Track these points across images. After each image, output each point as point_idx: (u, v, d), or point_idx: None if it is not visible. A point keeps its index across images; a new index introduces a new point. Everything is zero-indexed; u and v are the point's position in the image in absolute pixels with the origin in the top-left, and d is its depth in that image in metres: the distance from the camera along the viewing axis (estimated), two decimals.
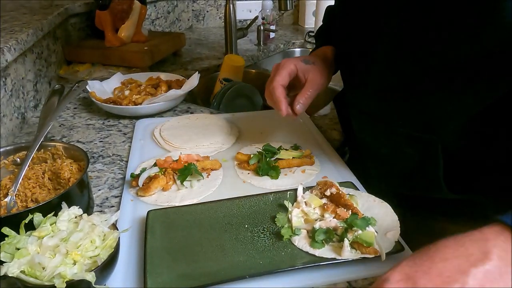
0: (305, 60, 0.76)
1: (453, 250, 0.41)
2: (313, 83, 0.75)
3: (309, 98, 0.75)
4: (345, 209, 0.61)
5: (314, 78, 0.76)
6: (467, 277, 0.38)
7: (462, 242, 0.41)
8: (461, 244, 0.41)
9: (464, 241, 0.42)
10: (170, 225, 0.62)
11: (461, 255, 0.40)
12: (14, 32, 1.02)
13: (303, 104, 0.75)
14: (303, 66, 0.76)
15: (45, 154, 0.73)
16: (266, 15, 1.77)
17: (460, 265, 0.39)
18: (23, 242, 0.51)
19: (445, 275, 0.39)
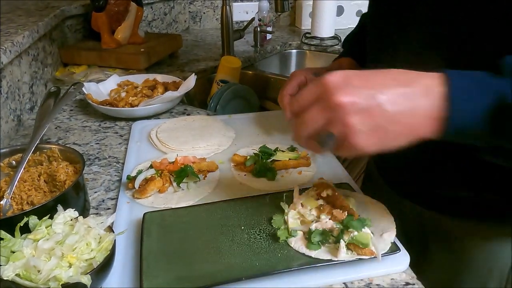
0: (315, 73, 0.79)
1: (386, 73, 0.47)
2: None
3: None
4: (341, 210, 0.61)
5: None
6: (385, 90, 0.45)
7: (405, 72, 0.47)
8: (402, 73, 0.47)
9: (407, 72, 0.47)
10: (166, 227, 0.62)
11: (391, 78, 0.46)
12: (10, 34, 1.02)
13: None
14: (313, 78, 0.79)
15: (41, 156, 0.72)
16: (263, 17, 1.77)
17: (386, 81, 0.46)
18: (18, 245, 0.51)
19: (370, 82, 0.45)
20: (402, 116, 0.45)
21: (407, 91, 0.45)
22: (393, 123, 0.45)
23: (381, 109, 0.44)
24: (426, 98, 0.45)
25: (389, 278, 0.56)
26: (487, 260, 0.71)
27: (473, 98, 0.44)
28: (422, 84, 0.45)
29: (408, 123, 0.45)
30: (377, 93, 0.44)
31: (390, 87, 0.45)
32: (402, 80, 0.46)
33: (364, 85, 0.45)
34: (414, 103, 0.45)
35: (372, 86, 0.45)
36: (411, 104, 0.45)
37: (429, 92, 0.45)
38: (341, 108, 0.44)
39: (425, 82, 0.45)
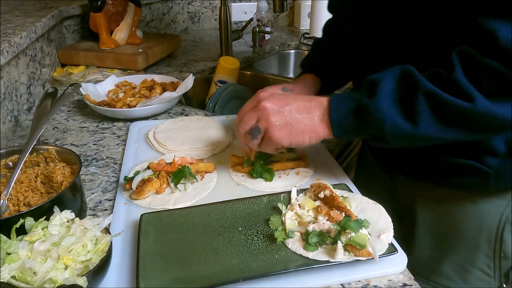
0: (284, 88, 0.84)
1: (301, 96, 0.70)
2: None
3: None
4: (339, 211, 0.61)
5: None
6: (295, 102, 0.67)
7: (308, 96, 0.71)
8: (306, 96, 0.70)
9: (310, 96, 0.71)
10: (163, 228, 0.62)
11: (302, 98, 0.69)
12: (7, 34, 1.01)
13: None
14: (281, 93, 0.83)
15: (37, 157, 0.72)
16: (261, 17, 1.77)
17: (297, 99, 0.68)
18: (14, 247, 0.50)
19: (288, 98, 0.68)
20: (304, 119, 0.66)
21: (307, 104, 0.67)
22: (298, 123, 0.66)
23: (290, 112, 0.66)
24: (318, 110, 0.66)
25: (387, 279, 0.56)
26: (476, 221, 0.77)
27: (342, 106, 0.65)
28: (316, 101, 0.67)
29: (308, 124, 0.66)
30: (288, 103, 0.67)
31: (298, 101, 0.68)
32: (305, 98, 0.69)
33: (282, 99, 0.68)
34: (311, 111, 0.66)
35: (286, 100, 0.68)
36: (309, 112, 0.66)
37: (319, 106, 0.66)
38: (265, 109, 0.67)
39: (318, 100, 0.67)
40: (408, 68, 0.61)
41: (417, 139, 0.62)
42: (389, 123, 0.60)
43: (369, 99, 0.61)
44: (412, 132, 0.60)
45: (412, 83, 0.59)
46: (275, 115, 0.66)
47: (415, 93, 0.59)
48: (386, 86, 0.61)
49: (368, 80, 0.63)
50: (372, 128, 0.62)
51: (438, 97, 0.57)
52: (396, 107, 0.60)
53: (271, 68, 1.79)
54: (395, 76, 0.61)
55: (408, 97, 0.59)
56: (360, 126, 0.63)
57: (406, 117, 0.59)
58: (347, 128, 0.65)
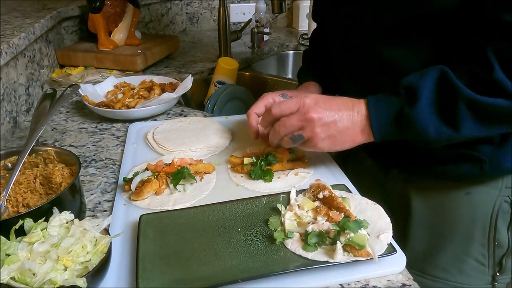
0: (283, 94, 0.85)
1: (343, 101, 0.69)
2: None
3: None
4: (338, 212, 0.61)
5: None
6: (339, 112, 0.68)
7: (349, 100, 0.69)
8: (348, 100, 0.69)
9: (350, 100, 0.69)
10: (162, 229, 0.62)
11: (344, 103, 0.69)
12: (6, 35, 1.01)
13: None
14: (280, 99, 0.84)
15: (36, 158, 0.72)
16: (260, 18, 1.77)
17: (340, 107, 0.68)
18: (13, 248, 0.50)
19: (333, 106, 0.68)
20: (347, 130, 0.68)
21: (349, 113, 0.68)
22: (341, 134, 0.68)
23: (335, 124, 0.67)
24: (359, 118, 0.67)
25: (386, 279, 0.56)
26: (469, 211, 0.78)
27: (382, 115, 0.66)
28: (356, 108, 0.68)
29: (350, 134, 0.68)
30: (333, 114, 0.67)
31: (341, 110, 0.68)
32: (347, 105, 0.68)
33: (327, 108, 0.68)
34: (354, 122, 0.68)
35: (331, 109, 0.68)
36: (352, 122, 0.68)
37: (360, 115, 0.67)
38: (312, 121, 0.67)
39: (358, 107, 0.68)
40: (445, 72, 0.62)
41: (460, 140, 0.65)
42: (431, 131, 0.62)
43: (409, 108, 0.62)
44: (455, 136, 0.62)
45: (451, 90, 0.61)
46: (321, 127, 0.67)
47: (455, 100, 0.60)
48: (425, 93, 0.62)
49: (406, 85, 0.64)
50: (414, 135, 0.64)
51: (479, 103, 0.59)
52: (437, 115, 0.62)
53: (269, 69, 1.79)
54: (433, 81, 0.62)
55: (448, 104, 0.61)
56: (402, 133, 0.65)
57: (448, 124, 0.62)
58: (388, 135, 0.67)
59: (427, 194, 0.82)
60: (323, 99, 0.69)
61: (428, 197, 0.82)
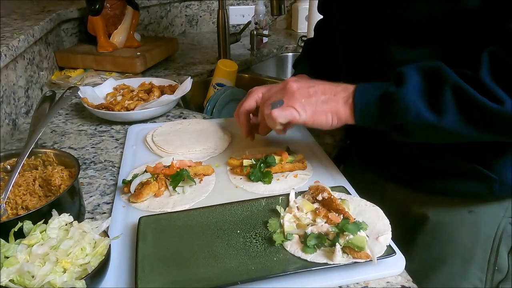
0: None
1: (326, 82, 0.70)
2: None
3: None
4: (337, 213, 0.61)
5: None
6: (322, 84, 0.69)
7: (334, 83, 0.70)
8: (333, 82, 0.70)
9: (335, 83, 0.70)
10: (162, 231, 0.62)
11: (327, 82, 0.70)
12: (5, 38, 1.02)
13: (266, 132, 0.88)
14: (309, 79, 0.82)
15: (35, 161, 0.72)
16: (259, 20, 1.78)
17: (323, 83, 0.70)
18: (12, 251, 0.50)
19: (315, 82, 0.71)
20: (329, 99, 0.68)
21: (333, 87, 0.69)
22: (322, 103, 0.68)
23: (315, 92, 0.68)
24: (343, 93, 0.67)
25: (385, 281, 0.56)
26: (471, 231, 0.74)
27: (368, 92, 0.65)
28: (343, 85, 0.68)
29: (332, 105, 0.67)
30: (315, 85, 0.69)
31: (324, 84, 0.70)
32: (332, 83, 0.69)
33: (308, 82, 0.71)
34: (337, 94, 0.68)
35: (314, 82, 0.70)
36: (334, 94, 0.68)
37: (345, 90, 0.67)
38: (292, 87, 0.70)
39: (345, 85, 0.68)
40: (438, 63, 0.61)
41: (439, 132, 0.61)
42: (413, 112, 0.60)
43: (395, 87, 0.61)
44: (435, 123, 0.59)
45: (440, 76, 0.60)
46: (300, 92, 0.68)
47: (442, 85, 0.59)
48: (413, 77, 0.61)
49: (396, 72, 0.64)
50: (395, 116, 0.62)
51: (466, 92, 0.57)
52: (422, 97, 0.60)
53: (269, 71, 1.80)
54: (424, 69, 0.62)
55: (435, 89, 0.60)
56: (383, 113, 0.63)
57: (431, 108, 0.59)
58: (369, 114, 0.64)
59: (426, 210, 0.78)
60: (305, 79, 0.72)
61: (427, 213, 0.78)
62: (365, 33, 0.76)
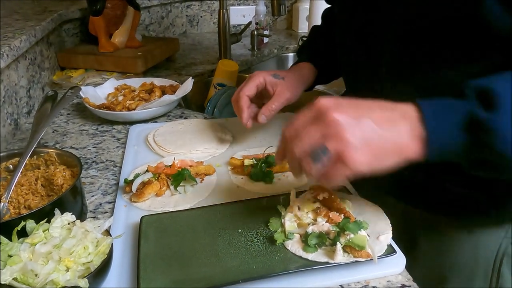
0: (275, 74, 0.80)
1: (376, 103, 0.50)
2: (279, 97, 0.81)
3: (273, 111, 0.81)
4: (338, 213, 0.61)
5: (281, 92, 0.81)
6: (371, 112, 0.49)
7: (384, 102, 0.51)
8: (382, 102, 0.51)
9: (386, 102, 0.51)
10: (163, 230, 0.62)
11: (378, 105, 0.50)
12: (7, 38, 1.02)
13: (266, 116, 0.82)
14: (271, 79, 0.80)
15: (38, 160, 0.73)
16: (260, 20, 1.78)
17: (372, 107, 0.50)
18: (15, 249, 0.51)
19: (362, 107, 0.50)
20: (389, 134, 0.48)
21: (388, 114, 0.49)
22: (383, 141, 0.48)
23: (371, 126, 0.47)
24: (405, 121, 0.48)
25: (385, 280, 0.56)
26: (473, 252, 0.72)
27: (444, 117, 0.48)
28: (400, 110, 0.49)
29: (395, 142, 0.48)
30: (365, 114, 0.48)
31: (375, 111, 0.49)
32: (383, 106, 0.50)
33: (354, 108, 0.49)
34: (396, 124, 0.48)
35: (360, 109, 0.49)
36: (394, 125, 0.48)
37: (406, 116, 0.49)
38: (337, 123, 0.47)
39: (401, 108, 0.50)
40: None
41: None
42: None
43: (486, 112, 0.46)
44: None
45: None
46: (350, 130, 0.47)
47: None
48: (506, 96, 0.46)
49: (474, 86, 0.48)
50: (487, 150, 0.47)
51: None
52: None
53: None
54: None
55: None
56: (470, 148, 0.47)
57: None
58: (450, 148, 0.48)
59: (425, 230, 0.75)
60: (345, 100, 0.51)
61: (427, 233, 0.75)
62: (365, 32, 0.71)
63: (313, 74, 0.89)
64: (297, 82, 0.85)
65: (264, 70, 0.81)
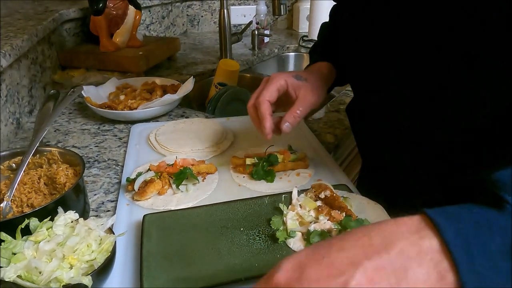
0: (297, 76, 0.71)
1: (356, 239, 0.36)
2: (304, 100, 0.72)
3: (298, 117, 0.72)
4: (339, 211, 0.61)
5: (305, 95, 0.72)
6: (356, 270, 0.33)
7: (370, 231, 0.36)
8: (367, 232, 0.36)
9: (373, 230, 0.36)
10: (166, 229, 0.63)
11: (361, 245, 0.35)
12: (9, 37, 1.02)
13: (291, 124, 0.71)
14: (294, 82, 0.71)
15: (40, 159, 0.73)
16: (260, 20, 1.78)
17: (355, 256, 0.34)
18: (19, 247, 0.51)
19: (335, 266, 0.34)
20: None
21: (380, 263, 0.33)
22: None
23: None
24: (420, 265, 0.33)
25: None
26: None
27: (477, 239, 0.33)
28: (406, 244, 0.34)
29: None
30: (347, 272, 0.33)
31: (362, 263, 0.33)
32: (378, 246, 0.34)
33: (326, 275, 0.33)
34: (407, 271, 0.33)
35: (337, 273, 0.33)
36: (404, 274, 0.33)
37: (421, 255, 0.33)
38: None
39: (411, 240, 0.34)
40: None
41: None
42: None
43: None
44: None
45: None
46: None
47: None
48: None
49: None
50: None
51: None
52: None
53: (270, 71, 1.80)
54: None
55: None
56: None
57: None
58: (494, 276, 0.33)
59: None
60: (314, 259, 0.35)
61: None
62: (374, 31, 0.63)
63: (333, 75, 0.81)
64: (320, 84, 0.76)
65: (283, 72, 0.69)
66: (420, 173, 0.66)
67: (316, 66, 0.81)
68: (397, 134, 0.67)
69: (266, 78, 0.72)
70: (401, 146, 0.68)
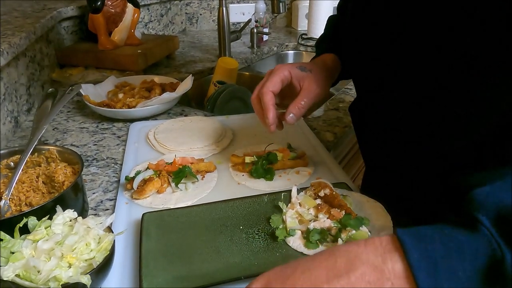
0: (301, 67, 0.70)
1: (322, 260, 0.37)
2: (308, 92, 0.71)
3: (303, 108, 0.71)
4: (339, 209, 0.61)
5: (310, 87, 0.71)
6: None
7: (337, 252, 0.37)
8: (334, 252, 0.37)
9: (340, 250, 0.37)
10: (165, 227, 0.62)
11: (325, 267, 0.36)
12: (7, 35, 1.02)
13: (296, 115, 0.70)
14: (298, 73, 0.71)
15: (39, 157, 0.72)
16: (259, 18, 1.78)
17: (316, 279, 0.35)
18: (17, 246, 0.51)
19: (297, 287, 0.35)
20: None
21: (348, 283, 0.34)
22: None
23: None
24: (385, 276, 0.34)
25: None
26: None
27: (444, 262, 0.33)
28: (369, 268, 0.34)
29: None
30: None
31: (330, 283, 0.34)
32: (340, 269, 0.35)
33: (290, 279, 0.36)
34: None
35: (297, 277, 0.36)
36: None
37: (382, 280, 0.33)
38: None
39: (374, 263, 0.35)
40: None
41: None
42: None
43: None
44: None
45: None
46: None
47: None
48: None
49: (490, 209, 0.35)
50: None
51: None
52: None
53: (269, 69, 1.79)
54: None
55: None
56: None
57: None
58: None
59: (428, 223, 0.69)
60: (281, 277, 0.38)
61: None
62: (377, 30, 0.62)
63: (338, 67, 0.79)
64: (325, 75, 0.75)
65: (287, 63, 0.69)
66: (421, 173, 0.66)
67: (320, 58, 0.80)
68: (397, 134, 0.67)
69: (270, 70, 0.71)
70: (402, 146, 0.68)
